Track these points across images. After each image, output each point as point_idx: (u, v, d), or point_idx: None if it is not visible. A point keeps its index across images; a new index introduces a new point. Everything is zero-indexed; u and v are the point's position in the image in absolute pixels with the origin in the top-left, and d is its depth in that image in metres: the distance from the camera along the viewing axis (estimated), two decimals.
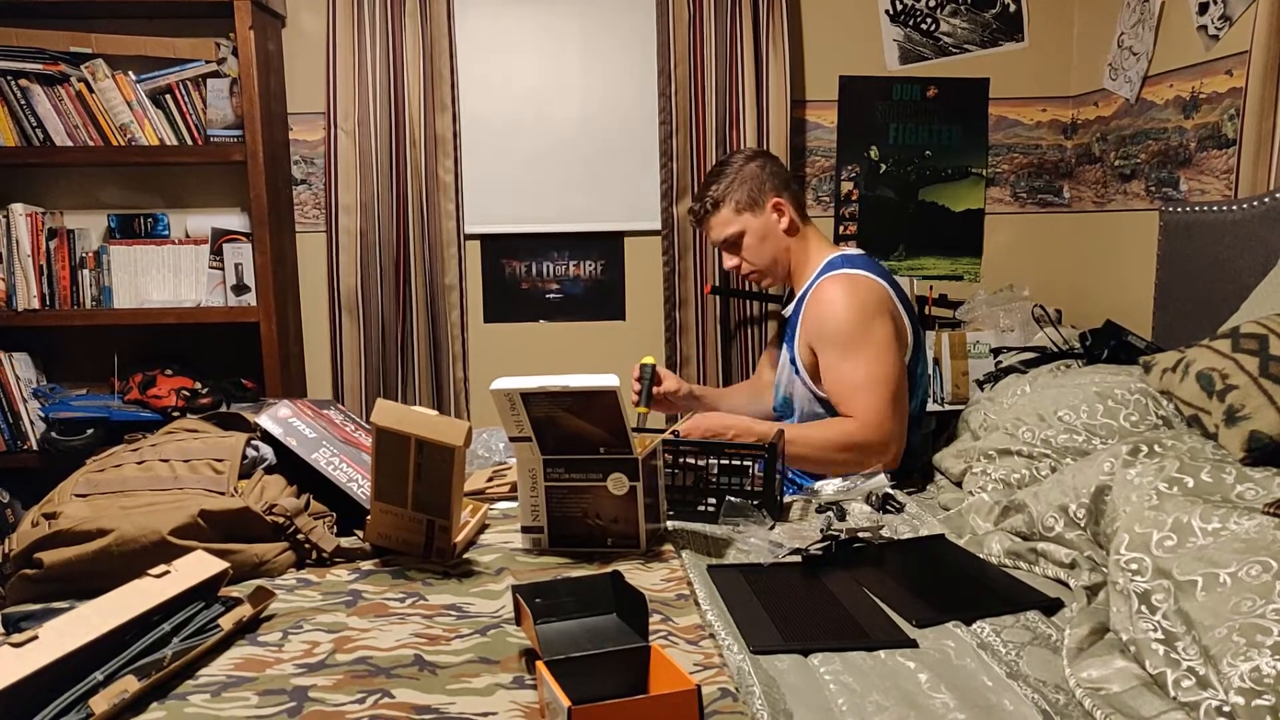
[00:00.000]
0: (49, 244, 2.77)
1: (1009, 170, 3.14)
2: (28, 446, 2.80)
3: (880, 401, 1.91)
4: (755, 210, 2.12)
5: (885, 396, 1.91)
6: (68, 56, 2.73)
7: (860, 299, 1.97)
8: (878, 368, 1.92)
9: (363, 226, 2.90)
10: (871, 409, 1.91)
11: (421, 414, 1.53)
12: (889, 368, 1.93)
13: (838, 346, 1.96)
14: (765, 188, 2.12)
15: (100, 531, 1.39)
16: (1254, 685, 0.95)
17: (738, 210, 2.12)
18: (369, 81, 2.86)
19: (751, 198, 2.11)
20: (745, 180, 2.12)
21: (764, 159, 2.17)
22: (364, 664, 1.19)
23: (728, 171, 2.14)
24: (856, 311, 1.95)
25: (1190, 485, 1.31)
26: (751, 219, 2.12)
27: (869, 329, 1.94)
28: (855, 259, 2.08)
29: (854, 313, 1.95)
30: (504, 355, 3.08)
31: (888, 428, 1.91)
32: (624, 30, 3.00)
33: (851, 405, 1.93)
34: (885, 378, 1.92)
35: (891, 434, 1.92)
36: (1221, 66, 2.34)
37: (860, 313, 1.95)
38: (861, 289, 1.98)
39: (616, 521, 1.56)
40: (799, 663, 1.19)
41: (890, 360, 1.94)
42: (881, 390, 1.91)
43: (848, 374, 1.94)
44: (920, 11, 3.04)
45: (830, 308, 1.98)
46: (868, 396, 1.91)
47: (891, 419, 1.91)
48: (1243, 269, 2.01)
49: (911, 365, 2.04)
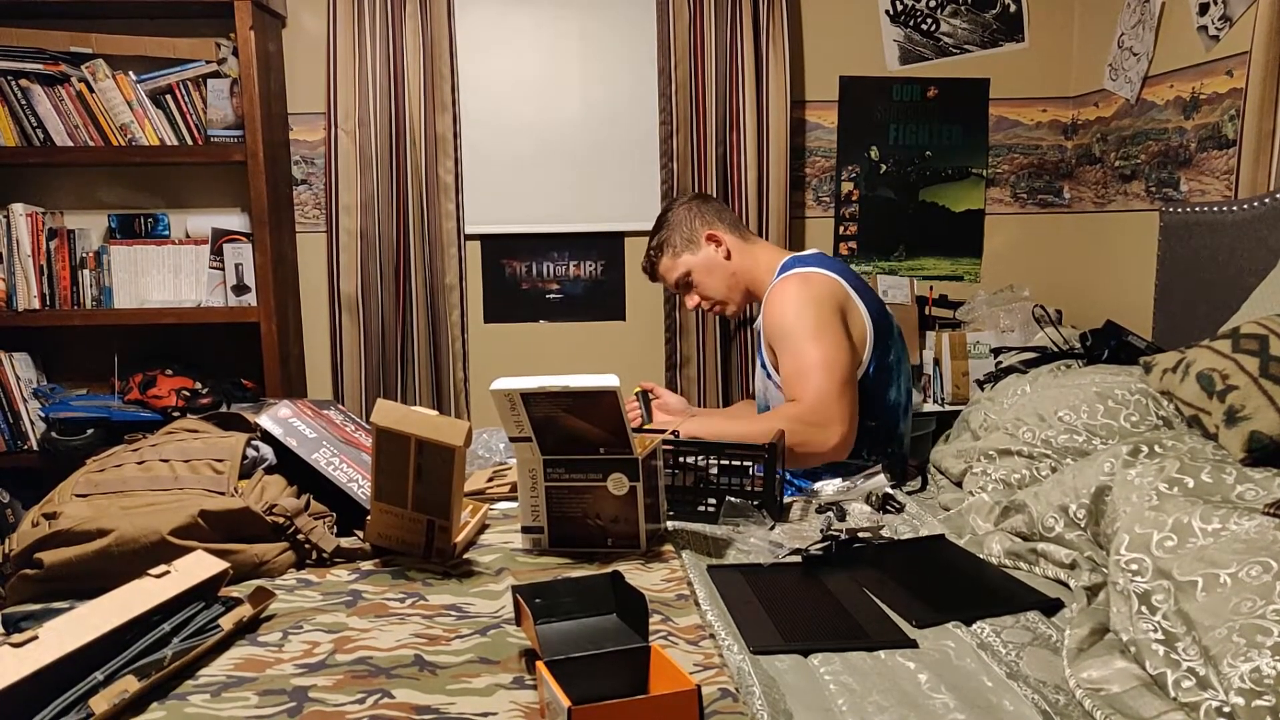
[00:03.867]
0: (49, 244, 2.77)
1: (1009, 170, 3.14)
2: (28, 446, 2.80)
3: (825, 382, 1.93)
4: (692, 248, 2.25)
5: (832, 379, 1.93)
6: (68, 56, 2.74)
7: (810, 293, 2.02)
8: (823, 353, 1.95)
9: (363, 226, 2.91)
10: (816, 389, 1.93)
11: (421, 414, 1.53)
12: (837, 353, 1.96)
13: (787, 336, 2.01)
14: (696, 224, 2.25)
15: (100, 531, 1.39)
16: (1254, 686, 0.95)
17: (675, 254, 2.26)
18: (369, 81, 2.86)
19: (685, 238, 2.25)
20: (677, 225, 2.26)
21: (693, 200, 2.31)
22: (364, 664, 1.19)
23: (662, 222, 2.30)
24: (802, 303, 2.01)
25: (1190, 486, 1.31)
26: (691, 257, 2.25)
27: (815, 317, 1.99)
28: (808, 258, 2.15)
29: (799, 304, 2.01)
30: (504, 355, 3.08)
31: (833, 409, 1.92)
32: (624, 30, 3.00)
33: (798, 388, 1.96)
34: (830, 361, 1.94)
35: (835, 415, 1.92)
36: (1221, 67, 2.34)
37: (806, 304, 2.01)
38: (813, 284, 2.04)
39: (616, 521, 1.56)
40: (799, 663, 1.19)
41: (836, 346, 1.96)
42: (826, 373, 1.93)
43: (796, 360, 1.98)
44: (920, 12, 3.04)
45: (781, 304, 2.04)
46: (814, 377, 1.94)
47: (837, 401, 1.93)
48: (1243, 269, 2.02)
49: (882, 354, 2.07)
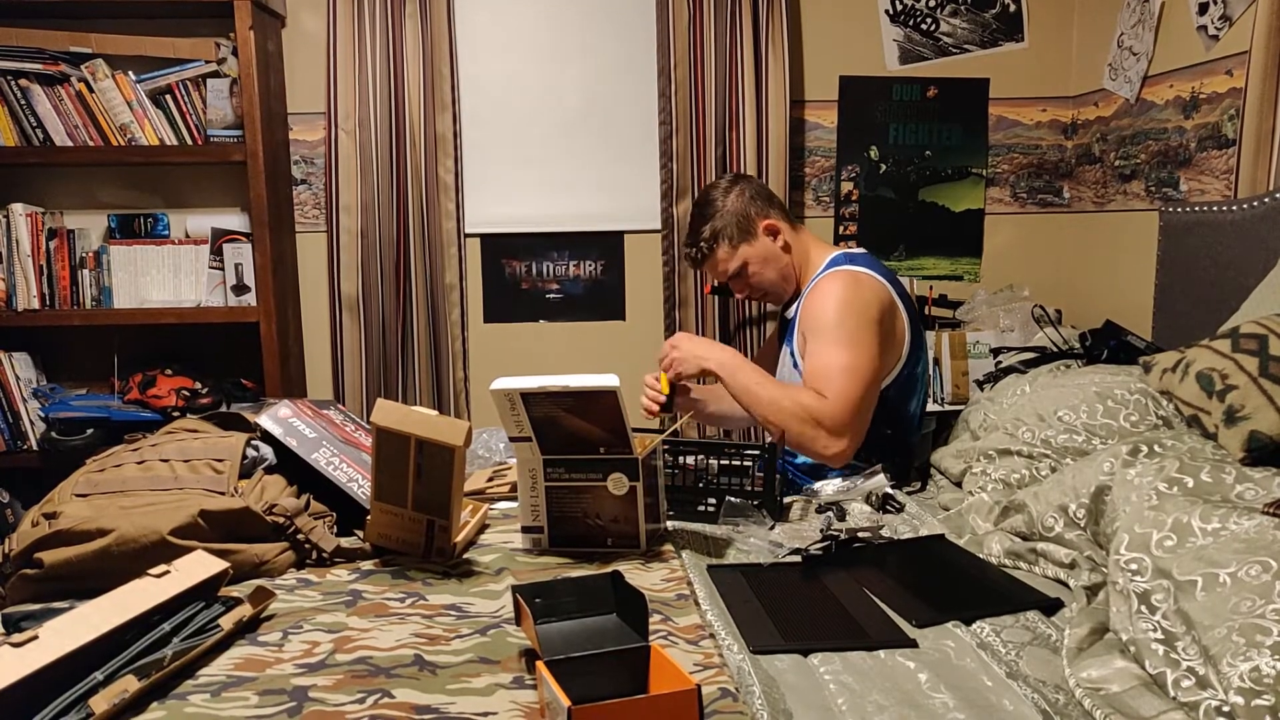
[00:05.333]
0: (49, 244, 2.77)
1: (1009, 170, 3.14)
2: (28, 446, 2.80)
3: (852, 390, 1.88)
4: (750, 239, 2.11)
5: (858, 388, 1.89)
6: (68, 56, 2.73)
7: (862, 296, 1.96)
8: (860, 361, 1.90)
9: (363, 226, 2.90)
10: (842, 394, 1.88)
11: (421, 414, 1.53)
12: (868, 363, 1.91)
13: (827, 333, 1.94)
14: (752, 213, 2.11)
15: (100, 531, 1.39)
16: (1254, 685, 0.95)
17: (733, 245, 2.11)
18: (369, 81, 2.86)
19: (743, 228, 2.10)
20: (733, 213, 2.10)
21: (742, 183, 2.15)
22: (364, 664, 1.19)
23: (713, 209, 2.13)
24: (853, 305, 1.94)
25: (1190, 485, 1.31)
26: (749, 249, 2.11)
27: (862, 325, 1.93)
28: (859, 257, 2.08)
29: (851, 306, 1.94)
30: (504, 355, 3.08)
31: (849, 419, 1.88)
32: (624, 30, 3.00)
33: (824, 385, 1.89)
34: (863, 372, 1.90)
35: (849, 425, 1.88)
36: (1221, 67, 2.34)
37: (857, 308, 1.94)
38: (865, 286, 1.98)
39: (616, 521, 1.56)
40: (799, 663, 1.19)
41: (871, 357, 1.91)
42: (856, 381, 1.89)
43: (828, 358, 1.92)
44: (920, 11, 3.04)
45: (828, 299, 1.97)
46: (842, 382, 1.88)
47: (855, 413, 1.88)
48: (1243, 269, 2.01)
49: (911, 367, 2.03)
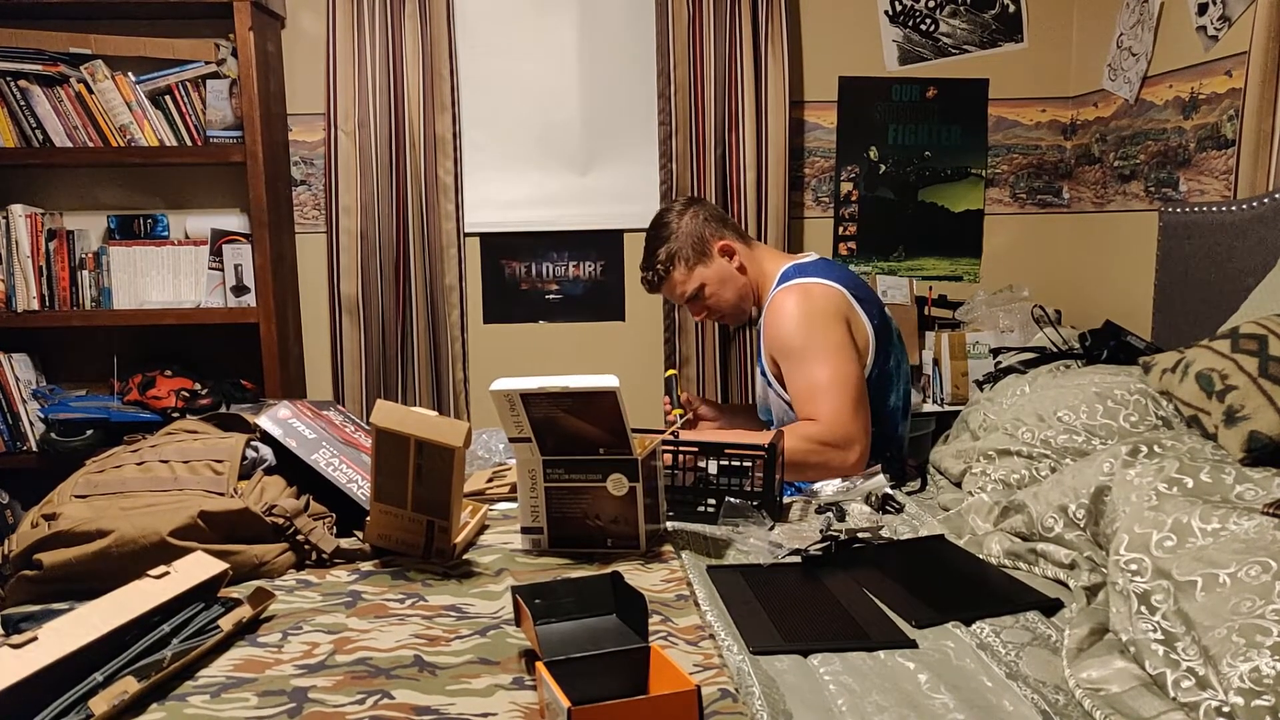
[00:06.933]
0: (49, 245, 2.77)
1: (1008, 171, 3.14)
2: (27, 447, 2.80)
3: (841, 402, 1.92)
4: (706, 260, 2.14)
5: (846, 397, 1.92)
6: (67, 57, 2.74)
7: (811, 306, 1.99)
8: (835, 370, 1.94)
9: (363, 227, 2.91)
10: (833, 409, 1.92)
11: (421, 414, 1.53)
12: (847, 369, 1.94)
13: (794, 354, 1.99)
14: (707, 235, 2.14)
15: (100, 532, 1.39)
16: (1254, 685, 0.95)
17: (690, 266, 2.14)
18: (369, 82, 2.86)
19: (698, 250, 2.13)
20: (688, 234, 2.14)
21: (696, 206, 2.19)
22: (364, 665, 1.19)
23: (668, 230, 2.16)
24: (807, 318, 1.98)
25: (1190, 486, 1.31)
26: (705, 270, 2.14)
27: (823, 333, 1.96)
28: (808, 266, 2.10)
29: (805, 320, 1.98)
30: (504, 356, 3.08)
31: (851, 428, 1.92)
32: (623, 31, 3.00)
33: (814, 408, 1.94)
34: (844, 379, 1.93)
35: (854, 434, 1.92)
36: (1221, 67, 2.34)
37: (811, 319, 1.98)
38: (814, 295, 2.01)
39: (616, 522, 1.56)
40: (799, 663, 1.19)
41: (847, 361, 1.95)
42: (841, 392, 1.93)
43: (807, 379, 1.96)
44: (920, 12, 3.04)
45: (783, 318, 2.01)
46: (829, 398, 1.92)
47: (854, 420, 1.92)
48: (1242, 269, 2.02)
49: (883, 360, 2.06)
